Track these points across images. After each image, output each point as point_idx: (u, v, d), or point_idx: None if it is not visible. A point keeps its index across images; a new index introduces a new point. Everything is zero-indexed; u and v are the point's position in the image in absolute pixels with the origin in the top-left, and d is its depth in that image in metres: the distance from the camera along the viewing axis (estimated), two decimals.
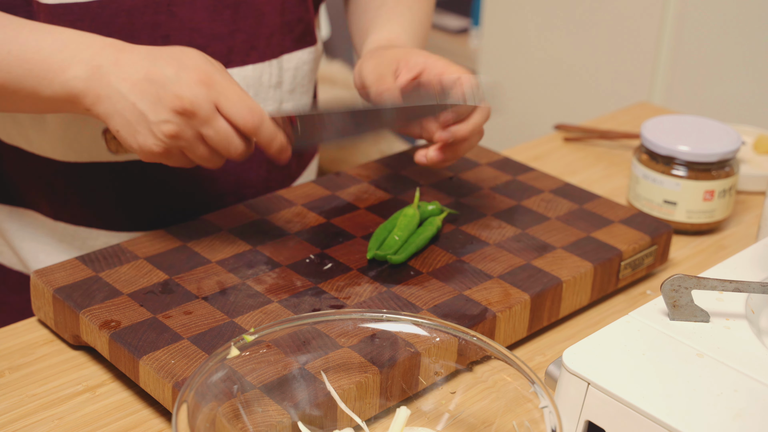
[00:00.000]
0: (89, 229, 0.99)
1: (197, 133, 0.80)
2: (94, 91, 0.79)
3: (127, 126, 0.79)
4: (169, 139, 0.79)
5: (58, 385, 0.78)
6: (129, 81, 0.79)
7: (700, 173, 1.04)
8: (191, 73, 0.79)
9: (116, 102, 0.79)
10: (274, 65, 0.99)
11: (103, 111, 0.80)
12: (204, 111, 0.79)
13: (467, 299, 0.83)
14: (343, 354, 0.72)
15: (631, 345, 0.70)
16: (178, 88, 0.78)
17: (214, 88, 0.79)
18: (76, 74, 0.79)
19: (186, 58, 0.80)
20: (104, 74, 0.79)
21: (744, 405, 0.64)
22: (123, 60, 0.80)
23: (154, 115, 0.78)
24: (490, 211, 0.98)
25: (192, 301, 0.81)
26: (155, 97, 0.78)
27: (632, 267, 0.94)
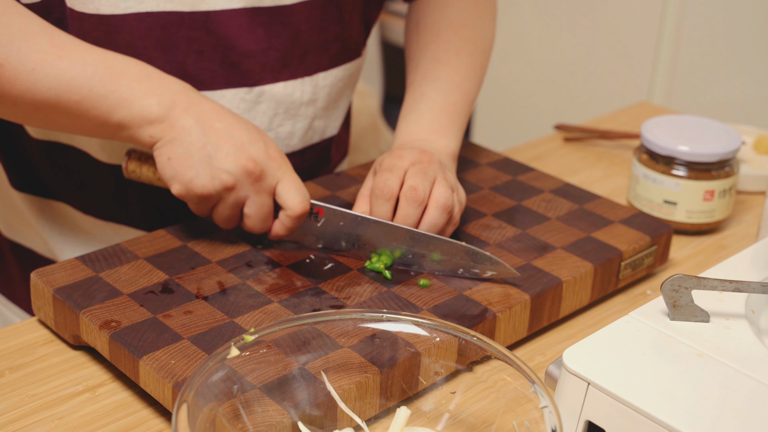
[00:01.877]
0: (118, 225, 1.01)
1: (245, 196, 0.84)
2: (171, 119, 0.83)
3: (184, 159, 0.83)
4: (222, 188, 0.83)
5: (58, 385, 0.78)
6: (207, 124, 0.83)
7: (700, 173, 1.04)
8: (270, 149, 0.85)
9: (186, 135, 0.83)
10: (307, 83, 0.99)
11: (167, 138, 0.83)
12: (266, 182, 0.85)
13: (467, 299, 0.83)
14: (343, 354, 0.72)
15: (631, 345, 0.70)
16: (254, 152, 0.84)
17: (281, 169, 0.86)
18: (159, 102, 0.83)
19: (266, 136, 0.87)
20: (185, 109, 0.83)
21: (744, 405, 0.64)
22: (206, 105, 0.84)
23: (220, 163, 0.83)
24: (490, 211, 0.98)
25: (192, 301, 0.81)
26: (229, 149, 0.83)
27: (632, 267, 0.94)
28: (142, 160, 0.89)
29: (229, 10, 0.92)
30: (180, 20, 0.90)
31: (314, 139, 1.04)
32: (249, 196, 0.85)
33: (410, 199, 0.87)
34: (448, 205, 0.88)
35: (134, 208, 1.00)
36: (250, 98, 0.96)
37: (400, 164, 0.90)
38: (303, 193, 0.86)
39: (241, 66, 0.94)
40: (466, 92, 1.03)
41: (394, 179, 0.89)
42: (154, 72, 0.85)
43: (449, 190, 0.89)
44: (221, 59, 0.93)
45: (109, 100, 0.82)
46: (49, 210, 1.02)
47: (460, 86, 1.02)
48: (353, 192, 1.00)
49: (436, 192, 0.88)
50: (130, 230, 1.01)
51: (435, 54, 1.03)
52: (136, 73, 0.83)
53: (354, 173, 1.04)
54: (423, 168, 0.90)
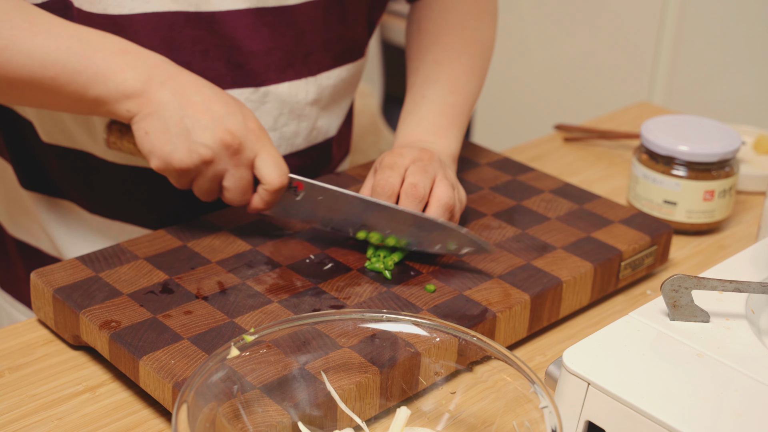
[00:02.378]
0: (123, 224, 1.01)
1: (224, 169, 0.84)
2: (148, 93, 0.82)
3: (162, 132, 0.82)
4: (200, 162, 0.83)
5: (58, 385, 0.78)
6: (185, 97, 0.83)
7: (700, 173, 1.04)
8: (248, 121, 0.85)
9: (164, 109, 0.82)
10: (311, 82, 1.00)
11: (144, 112, 0.82)
12: (244, 155, 0.84)
13: (467, 299, 0.83)
14: (343, 354, 0.72)
15: (631, 345, 0.70)
16: (233, 124, 0.83)
17: (259, 141, 0.85)
18: (135, 76, 0.82)
19: (245, 108, 0.86)
20: (162, 82, 0.83)
21: (744, 405, 0.64)
22: (183, 79, 0.84)
23: (198, 136, 0.82)
24: (490, 211, 0.98)
25: (192, 301, 0.81)
26: (207, 122, 0.82)
27: (632, 267, 0.94)
28: (122, 131, 0.88)
29: (235, 11, 0.92)
30: (185, 20, 0.91)
31: (318, 138, 1.04)
32: (228, 169, 0.84)
33: (411, 195, 0.88)
34: (450, 203, 0.89)
35: (141, 208, 1.00)
36: (256, 98, 0.96)
37: (401, 162, 0.91)
38: (281, 167, 0.85)
39: (246, 66, 0.95)
40: (467, 94, 1.03)
41: (395, 176, 0.89)
42: (130, 46, 0.84)
43: (450, 188, 0.90)
44: (226, 59, 0.94)
45: (85, 75, 0.82)
46: (57, 208, 1.03)
47: (460, 88, 1.03)
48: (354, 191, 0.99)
49: (438, 190, 0.89)
50: (137, 229, 1.01)
51: (436, 56, 1.04)
52: (111, 47, 0.83)
53: (354, 173, 1.04)
54: (423, 166, 0.90)
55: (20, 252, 1.07)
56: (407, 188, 0.88)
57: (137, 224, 1.01)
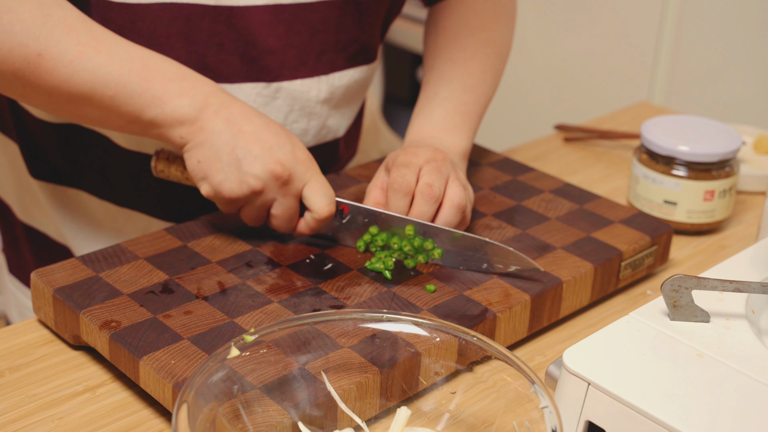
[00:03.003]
0: (132, 212, 1.02)
1: (273, 198, 0.85)
2: (201, 121, 0.84)
3: (213, 162, 0.84)
4: (250, 192, 0.84)
5: (58, 385, 0.78)
6: (237, 127, 0.84)
7: (700, 173, 1.04)
8: (297, 152, 0.86)
9: (216, 139, 0.83)
10: (323, 81, 1.00)
11: (197, 141, 0.84)
12: (293, 185, 0.85)
13: (467, 299, 0.83)
14: (344, 354, 0.72)
15: (631, 345, 0.70)
16: (283, 155, 0.84)
17: (308, 171, 0.86)
18: (191, 103, 0.84)
19: (294, 138, 0.87)
20: (216, 111, 0.84)
21: (744, 405, 0.64)
22: (235, 108, 0.85)
23: (249, 167, 0.83)
24: (490, 211, 0.98)
25: (192, 301, 0.81)
26: (258, 153, 0.84)
27: (632, 267, 0.94)
28: (170, 159, 0.90)
29: (253, 6, 0.93)
30: (203, 12, 0.91)
31: (327, 137, 1.05)
32: (276, 199, 0.86)
33: (426, 195, 0.89)
34: (462, 204, 0.90)
35: (151, 196, 1.01)
36: (267, 93, 0.97)
37: (415, 161, 0.92)
38: (329, 196, 0.87)
39: (261, 61, 0.95)
40: (481, 94, 1.04)
41: (411, 175, 0.90)
42: (188, 72, 0.85)
43: (463, 189, 0.91)
44: (241, 53, 0.94)
45: (143, 97, 0.83)
46: (64, 197, 1.03)
47: (474, 87, 1.04)
48: (354, 192, 1.00)
49: (451, 191, 0.90)
50: (144, 217, 1.02)
51: (451, 55, 1.05)
52: (170, 73, 0.84)
53: (354, 173, 1.04)
54: (437, 166, 0.91)
55: (29, 237, 1.08)
56: (423, 188, 0.89)
57: (146, 212, 1.02)
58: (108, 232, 1.03)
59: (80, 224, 1.03)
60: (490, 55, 1.06)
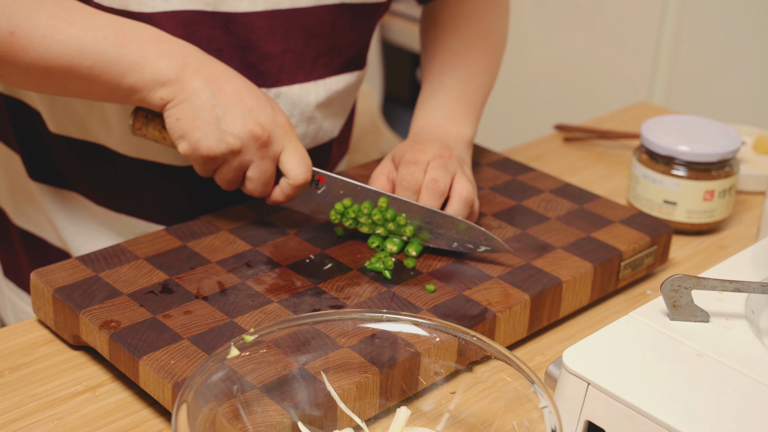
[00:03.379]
0: (129, 218, 1.02)
1: (250, 160, 0.85)
2: (181, 81, 0.83)
3: (192, 120, 0.83)
4: (227, 150, 0.84)
5: (58, 385, 0.78)
6: (217, 86, 0.84)
7: (700, 173, 1.04)
8: (277, 115, 0.86)
9: (196, 97, 0.83)
10: (321, 86, 1.01)
11: (177, 99, 0.83)
12: (271, 148, 0.85)
13: (467, 299, 0.83)
14: (343, 354, 0.72)
15: (631, 345, 0.70)
16: (263, 117, 0.85)
17: (287, 136, 0.86)
18: (169, 64, 0.83)
19: (274, 103, 0.87)
20: (195, 71, 0.84)
21: (744, 405, 0.64)
22: (216, 68, 0.85)
23: (228, 126, 0.83)
24: (490, 211, 0.98)
25: (192, 301, 0.81)
26: (238, 113, 0.84)
27: (632, 267, 0.94)
28: (149, 118, 0.90)
29: (252, 13, 0.93)
30: (202, 19, 0.91)
31: (324, 139, 1.06)
32: (253, 161, 0.86)
33: (431, 190, 0.90)
34: (470, 198, 0.91)
35: (148, 203, 1.01)
36: None
37: (423, 158, 0.93)
38: (306, 163, 0.87)
39: (259, 67, 0.96)
40: (482, 83, 1.06)
41: (419, 172, 0.91)
42: (164, 35, 0.85)
43: (470, 184, 0.92)
44: (240, 59, 0.95)
45: (121, 64, 0.83)
46: (63, 200, 1.03)
47: (476, 77, 1.05)
48: None
49: (459, 186, 0.91)
50: (142, 223, 1.02)
51: (452, 46, 1.06)
52: (146, 37, 0.84)
53: (354, 173, 1.04)
54: (444, 162, 0.92)
55: (24, 241, 1.08)
56: (428, 183, 0.90)
57: (143, 219, 1.01)
58: (108, 235, 1.03)
59: (80, 227, 1.03)
60: (490, 46, 1.08)
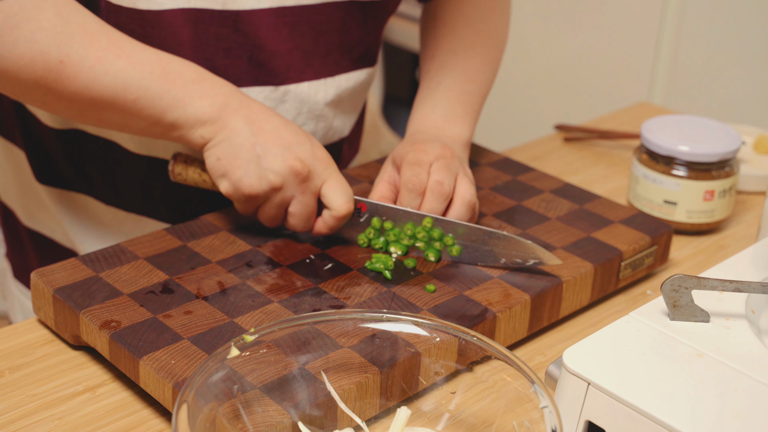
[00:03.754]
0: (139, 217, 1.02)
1: (291, 196, 0.86)
2: (222, 120, 0.85)
3: (233, 159, 0.85)
4: (269, 188, 0.85)
5: (58, 385, 0.78)
6: (256, 125, 0.85)
7: (700, 173, 1.04)
8: (316, 150, 0.87)
9: (236, 136, 0.84)
10: (330, 84, 1.01)
11: (217, 139, 0.85)
12: (312, 182, 0.86)
13: (467, 299, 0.83)
14: (344, 354, 0.72)
15: (631, 345, 0.70)
16: (302, 152, 0.86)
17: (327, 169, 0.87)
18: (212, 103, 0.85)
19: (312, 138, 0.88)
20: (235, 110, 0.85)
21: (744, 405, 0.64)
22: (254, 108, 0.86)
23: (269, 163, 0.84)
24: (490, 211, 0.98)
25: (192, 301, 0.81)
26: (278, 150, 0.85)
27: (632, 267, 0.94)
28: (188, 162, 0.91)
29: (258, 10, 0.93)
30: (210, 17, 0.92)
31: (333, 138, 1.06)
32: (295, 196, 0.86)
33: (436, 192, 0.90)
34: (473, 201, 0.92)
35: (158, 201, 1.01)
36: (276, 97, 0.97)
37: (425, 158, 0.93)
38: (348, 194, 0.88)
39: (268, 65, 0.96)
40: (481, 84, 1.06)
41: (424, 173, 0.91)
42: (207, 74, 0.86)
43: (472, 186, 0.92)
44: (248, 57, 0.95)
45: (165, 100, 0.84)
46: (71, 202, 1.04)
47: (475, 77, 1.05)
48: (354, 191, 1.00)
49: (461, 188, 0.91)
50: (151, 222, 1.02)
51: (451, 46, 1.06)
52: (190, 75, 0.85)
53: (354, 173, 1.04)
54: (446, 163, 0.92)
55: (34, 242, 1.08)
56: (433, 185, 0.90)
57: (153, 217, 1.02)
58: (116, 236, 1.03)
59: (88, 228, 1.04)
60: (489, 45, 1.08)
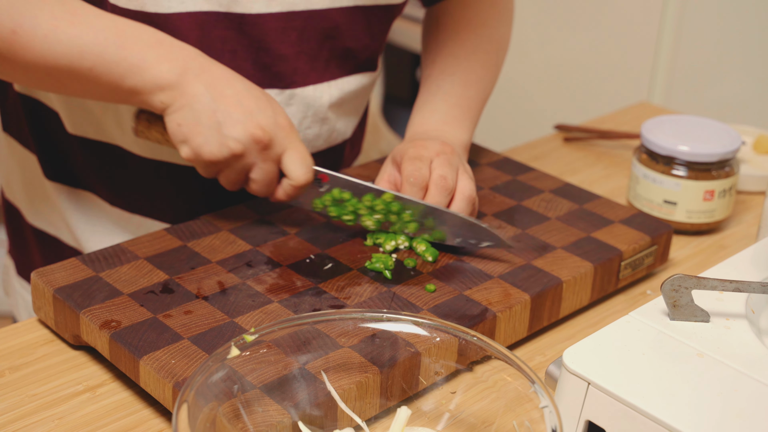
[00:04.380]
0: (143, 218, 1.02)
1: (252, 162, 0.85)
2: (181, 86, 0.84)
3: (194, 125, 0.84)
4: (230, 155, 0.84)
5: (58, 385, 0.78)
6: (217, 90, 0.84)
7: (700, 173, 1.04)
8: (278, 117, 0.86)
9: (196, 102, 0.84)
10: (334, 86, 1.01)
11: (177, 104, 0.84)
12: (273, 150, 0.86)
13: (467, 299, 0.83)
14: (344, 354, 0.72)
15: (631, 345, 0.70)
16: (264, 119, 0.85)
17: (288, 137, 0.87)
18: (170, 68, 0.84)
19: (275, 103, 0.87)
20: (195, 75, 0.84)
21: (744, 405, 0.64)
22: (216, 72, 0.85)
23: (229, 130, 0.84)
24: (490, 211, 0.98)
25: (192, 301, 0.81)
26: (239, 116, 0.84)
27: (632, 267, 0.94)
28: (150, 121, 0.90)
29: (265, 14, 0.93)
30: (216, 20, 0.92)
31: (337, 140, 1.07)
32: (256, 163, 0.86)
33: (440, 187, 0.91)
34: (473, 196, 0.92)
35: (162, 203, 1.01)
36: (281, 99, 0.98)
37: (426, 154, 0.93)
38: (307, 163, 0.88)
39: (273, 68, 0.96)
40: (481, 89, 1.06)
41: (426, 168, 0.92)
42: (165, 38, 0.85)
43: (472, 181, 0.93)
44: (254, 60, 0.95)
45: (122, 66, 0.83)
46: (79, 200, 1.04)
47: (475, 82, 1.05)
48: None
49: (462, 184, 0.92)
50: (156, 223, 1.02)
51: (452, 50, 1.06)
52: (147, 39, 0.84)
53: (354, 173, 1.04)
54: (448, 158, 0.93)
55: (38, 240, 1.08)
56: (437, 180, 0.91)
57: (157, 219, 1.02)
58: (122, 235, 1.03)
59: (94, 226, 1.04)
60: (490, 51, 1.08)
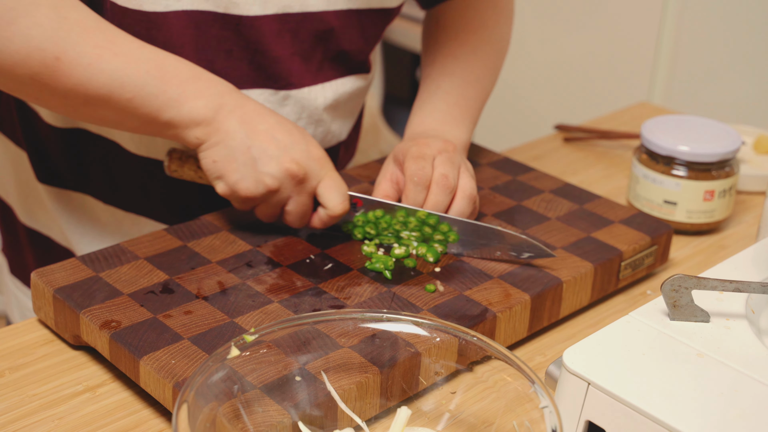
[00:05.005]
0: (137, 216, 1.02)
1: (288, 196, 0.86)
2: (217, 122, 0.85)
3: (229, 162, 0.85)
4: (265, 191, 0.85)
5: (58, 385, 0.78)
6: (251, 126, 0.85)
7: (700, 173, 1.04)
8: (312, 149, 0.87)
9: (232, 139, 0.84)
10: (328, 88, 1.01)
11: (212, 141, 0.85)
12: (308, 183, 0.87)
13: (467, 299, 0.83)
14: (344, 354, 0.72)
15: (631, 345, 0.70)
16: (297, 153, 0.86)
17: (323, 168, 0.88)
18: (206, 104, 0.84)
19: (308, 136, 0.88)
20: (230, 111, 0.85)
21: (744, 405, 0.64)
22: (249, 108, 0.86)
23: (264, 166, 0.85)
24: (490, 211, 0.98)
25: (192, 301, 0.81)
26: (273, 152, 0.85)
27: (632, 267, 0.94)
28: (183, 159, 0.91)
29: (261, 16, 0.93)
30: (213, 19, 0.92)
31: (332, 142, 1.07)
32: (291, 197, 0.87)
33: (442, 186, 0.91)
34: (474, 194, 0.93)
35: (157, 201, 1.01)
36: (276, 100, 0.98)
37: (429, 152, 0.94)
38: (343, 193, 0.88)
39: (268, 69, 0.96)
40: (480, 89, 1.06)
41: (428, 166, 0.92)
42: (203, 73, 0.86)
43: (473, 180, 0.93)
44: (249, 60, 0.95)
45: (160, 99, 0.84)
46: (70, 202, 1.04)
47: (474, 83, 1.06)
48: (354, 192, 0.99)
49: (463, 182, 0.92)
50: (149, 222, 1.02)
51: (452, 51, 1.07)
52: (186, 74, 0.85)
53: (354, 173, 1.04)
54: (450, 157, 0.93)
55: (31, 240, 1.09)
56: (439, 178, 0.91)
57: (152, 217, 1.02)
58: (113, 237, 1.03)
59: (86, 228, 1.04)
60: (490, 52, 1.08)
